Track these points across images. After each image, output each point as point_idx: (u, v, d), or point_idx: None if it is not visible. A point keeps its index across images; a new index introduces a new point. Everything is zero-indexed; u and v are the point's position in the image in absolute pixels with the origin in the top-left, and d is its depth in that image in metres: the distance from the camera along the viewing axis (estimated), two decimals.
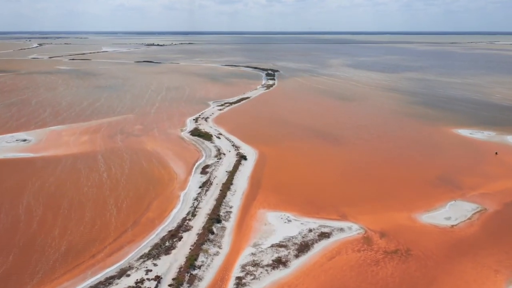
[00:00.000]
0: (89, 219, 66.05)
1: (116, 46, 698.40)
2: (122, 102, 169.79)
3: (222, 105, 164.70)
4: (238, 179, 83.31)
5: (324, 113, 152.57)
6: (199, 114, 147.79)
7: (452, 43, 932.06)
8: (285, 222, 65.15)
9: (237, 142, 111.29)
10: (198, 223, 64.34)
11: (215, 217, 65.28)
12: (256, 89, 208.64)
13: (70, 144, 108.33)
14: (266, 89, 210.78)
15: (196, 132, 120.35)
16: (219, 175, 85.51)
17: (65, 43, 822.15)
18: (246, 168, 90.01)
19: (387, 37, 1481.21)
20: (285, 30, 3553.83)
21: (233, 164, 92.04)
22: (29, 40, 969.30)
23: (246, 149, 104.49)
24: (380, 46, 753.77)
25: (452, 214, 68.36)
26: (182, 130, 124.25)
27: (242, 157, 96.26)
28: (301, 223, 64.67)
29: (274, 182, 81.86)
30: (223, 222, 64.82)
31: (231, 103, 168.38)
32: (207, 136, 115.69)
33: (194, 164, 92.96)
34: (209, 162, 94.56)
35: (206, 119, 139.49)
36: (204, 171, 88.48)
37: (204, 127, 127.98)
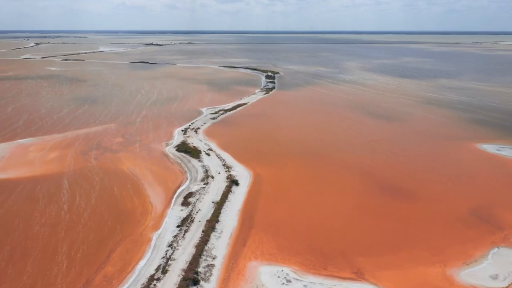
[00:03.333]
0: (28, 277, 50.87)
1: (114, 46, 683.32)
2: (107, 109, 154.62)
3: (215, 112, 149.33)
4: (226, 214, 68.04)
5: (333, 126, 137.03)
6: (189, 123, 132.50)
7: (457, 43, 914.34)
8: (283, 283, 49.82)
9: (229, 160, 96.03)
10: (168, 286, 49.09)
11: (191, 276, 50.03)
12: (254, 94, 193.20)
13: (35, 163, 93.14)
14: (265, 93, 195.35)
15: (183, 147, 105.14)
16: (204, 208, 70.26)
17: (62, 42, 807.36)
18: (237, 198, 74.73)
19: (390, 37, 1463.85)
20: (287, 30, 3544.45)
21: (221, 192, 76.80)
22: (27, 39, 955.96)
23: (238, 170, 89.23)
24: (389, 47, 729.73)
25: (498, 269, 52.96)
26: (167, 144, 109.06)
27: (233, 182, 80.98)
28: (304, 285, 49.36)
29: (271, 218, 66.54)
30: (201, 283, 49.53)
31: (225, 111, 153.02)
32: (194, 153, 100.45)
33: (175, 191, 77.73)
34: (194, 188, 79.30)
35: (196, 130, 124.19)
36: (186, 201, 73.20)
37: (193, 140, 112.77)
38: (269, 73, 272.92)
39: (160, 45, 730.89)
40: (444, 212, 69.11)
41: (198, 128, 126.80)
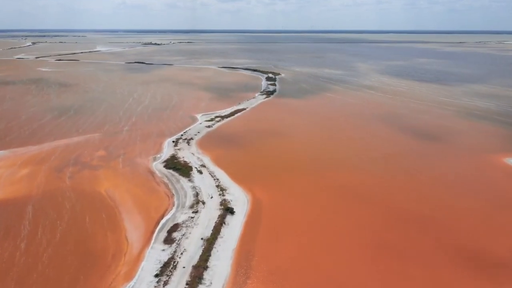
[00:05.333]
0: None
1: (112, 45, 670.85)
2: (93, 116, 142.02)
3: (211, 119, 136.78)
4: (217, 256, 55.49)
5: (341, 135, 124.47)
6: (182, 133, 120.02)
7: (460, 42, 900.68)
8: None
9: (224, 179, 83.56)
10: None
11: None
12: (254, 98, 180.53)
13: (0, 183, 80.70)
14: (266, 97, 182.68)
15: (172, 163, 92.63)
16: (190, 247, 57.75)
17: (60, 42, 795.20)
18: (232, 232, 62.16)
19: (391, 36, 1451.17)
20: (288, 29, 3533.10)
21: (213, 224, 64.34)
22: (25, 39, 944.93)
23: (234, 192, 76.76)
24: (395, 47, 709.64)
25: None
26: (155, 159, 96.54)
27: (227, 210, 68.49)
28: None
29: (272, 264, 53.95)
30: None
31: (222, 117, 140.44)
32: (185, 170, 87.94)
33: (158, 222, 65.28)
34: (180, 218, 66.81)
35: (189, 141, 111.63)
36: (169, 237, 60.67)
37: (185, 153, 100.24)
38: (270, 75, 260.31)
39: (159, 44, 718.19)
40: (482, 254, 56.47)
41: (191, 138, 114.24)
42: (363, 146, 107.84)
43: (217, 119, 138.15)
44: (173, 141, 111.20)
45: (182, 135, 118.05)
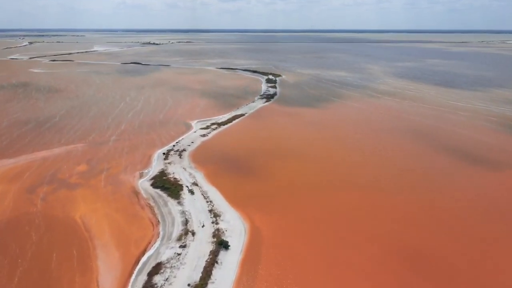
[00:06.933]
0: None
1: (109, 45, 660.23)
2: (80, 123, 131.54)
3: (207, 127, 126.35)
4: None
5: (349, 145, 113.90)
6: (174, 143, 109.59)
7: (463, 42, 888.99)
8: None
9: (218, 201, 73.28)
10: None
11: None
12: (253, 102, 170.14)
13: None
14: (266, 101, 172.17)
15: (160, 181, 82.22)
16: None
17: (57, 42, 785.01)
18: (226, 275, 51.70)
19: (392, 36, 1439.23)
20: (288, 28, 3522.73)
21: (203, 263, 53.93)
22: (22, 38, 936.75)
23: (230, 219, 66.38)
24: (398, 46, 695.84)
25: None
26: (141, 175, 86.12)
27: (221, 244, 58.03)
28: None
29: None
30: None
31: (219, 124, 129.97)
32: (174, 190, 77.57)
33: (138, 260, 54.87)
34: (165, 254, 56.34)
35: (181, 153, 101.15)
36: (150, 282, 50.18)
37: (175, 168, 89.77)
38: (270, 77, 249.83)
39: (157, 44, 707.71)
40: None
41: (184, 150, 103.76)
42: (376, 162, 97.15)
43: (213, 126, 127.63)
44: (164, 153, 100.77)
45: (174, 145, 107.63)
